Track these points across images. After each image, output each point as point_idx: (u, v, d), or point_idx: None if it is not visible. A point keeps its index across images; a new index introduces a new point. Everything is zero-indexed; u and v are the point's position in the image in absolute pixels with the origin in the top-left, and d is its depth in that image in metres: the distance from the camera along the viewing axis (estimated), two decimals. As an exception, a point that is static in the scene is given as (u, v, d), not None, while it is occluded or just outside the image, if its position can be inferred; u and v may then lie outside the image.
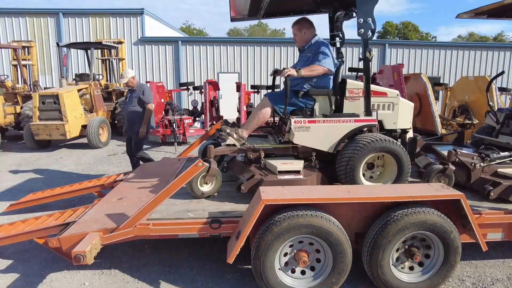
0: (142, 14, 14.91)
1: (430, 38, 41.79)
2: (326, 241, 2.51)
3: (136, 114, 5.16)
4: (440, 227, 2.56)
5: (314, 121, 3.20)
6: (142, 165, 4.78)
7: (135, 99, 5.15)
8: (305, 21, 3.62)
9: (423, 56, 16.43)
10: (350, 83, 3.47)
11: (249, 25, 46.96)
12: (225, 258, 3.25)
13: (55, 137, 8.13)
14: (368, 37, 3.21)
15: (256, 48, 15.48)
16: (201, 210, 2.94)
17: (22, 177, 6.14)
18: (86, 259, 2.41)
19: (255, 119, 3.50)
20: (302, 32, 3.61)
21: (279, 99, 3.43)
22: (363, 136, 3.23)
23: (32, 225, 3.36)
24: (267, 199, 2.39)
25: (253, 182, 3.06)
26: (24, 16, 15.08)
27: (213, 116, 10.49)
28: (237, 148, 3.39)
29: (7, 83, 10.16)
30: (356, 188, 2.71)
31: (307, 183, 3.09)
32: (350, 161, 3.11)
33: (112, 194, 3.62)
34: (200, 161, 2.76)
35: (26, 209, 4.59)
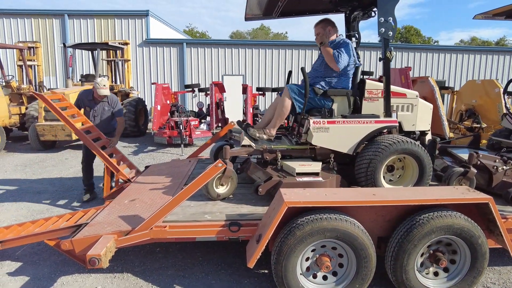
0: (147, 16, 14.89)
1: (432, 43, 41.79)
2: (350, 246, 2.42)
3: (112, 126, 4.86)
4: (468, 231, 2.47)
5: (333, 121, 3.12)
6: (151, 167, 4.69)
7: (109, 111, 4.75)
8: (329, 21, 3.58)
9: (428, 59, 16.36)
10: (369, 84, 3.40)
11: (251, 28, 47.04)
12: (240, 261, 3.18)
13: (60, 138, 8.05)
14: (389, 37, 3.15)
15: (260, 51, 15.43)
16: (218, 212, 2.85)
17: (28, 178, 6.06)
18: (101, 262, 2.32)
19: (280, 115, 3.43)
20: (327, 29, 3.54)
21: (298, 93, 3.36)
22: (384, 137, 3.15)
23: (42, 226, 3.28)
24: (290, 201, 2.30)
25: (271, 184, 2.98)
26: (30, 17, 15.07)
27: (218, 118, 10.43)
28: (253, 149, 3.30)
29: (12, 83, 10.11)
30: (381, 191, 2.62)
31: (326, 186, 3.00)
32: (371, 163, 3.03)
33: (123, 195, 3.54)
34: (220, 161, 2.68)
35: (35, 209, 4.51)
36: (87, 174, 4.92)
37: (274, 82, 15.53)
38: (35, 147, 8.43)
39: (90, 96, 4.72)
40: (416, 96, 3.49)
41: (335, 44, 3.46)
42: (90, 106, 4.72)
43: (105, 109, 4.72)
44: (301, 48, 15.44)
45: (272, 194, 2.98)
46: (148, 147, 9.15)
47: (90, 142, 4.18)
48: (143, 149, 8.78)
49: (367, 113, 3.35)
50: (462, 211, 2.54)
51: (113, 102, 4.74)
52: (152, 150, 8.75)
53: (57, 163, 7.22)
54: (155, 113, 9.28)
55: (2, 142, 8.41)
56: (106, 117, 4.74)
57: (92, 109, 4.72)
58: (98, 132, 4.51)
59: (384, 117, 3.30)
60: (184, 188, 2.62)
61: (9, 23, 15.06)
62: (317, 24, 3.58)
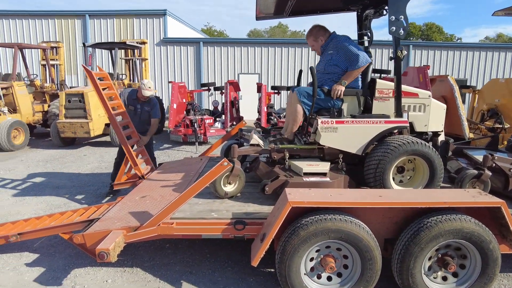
0: (165, 15, 15.12)
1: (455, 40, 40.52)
2: (355, 247, 2.40)
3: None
4: (478, 236, 2.40)
5: (342, 121, 3.10)
6: (164, 164, 4.79)
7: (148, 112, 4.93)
8: (318, 29, 3.58)
9: (449, 57, 15.89)
10: (380, 83, 3.35)
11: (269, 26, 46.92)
12: (247, 259, 3.21)
13: (79, 135, 8.32)
14: (400, 35, 3.09)
15: (277, 49, 15.40)
16: (225, 210, 2.89)
17: (48, 174, 6.30)
18: (109, 256, 2.40)
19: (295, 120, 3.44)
20: (319, 40, 3.59)
21: (307, 95, 3.35)
22: (394, 138, 3.10)
23: (58, 220, 3.41)
24: (294, 201, 2.31)
25: (278, 183, 2.99)
26: (53, 18, 15.60)
27: (233, 116, 10.49)
28: (261, 149, 3.32)
29: (36, 82, 10.51)
30: (387, 193, 2.58)
31: (333, 186, 2.98)
32: (380, 164, 2.99)
33: (135, 192, 3.63)
34: (226, 160, 2.72)
35: (53, 203, 4.69)
36: (116, 170, 5.10)
37: (290, 80, 15.48)
38: (56, 143, 8.74)
39: (134, 95, 4.93)
40: (429, 96, 3.42)
41: (331, 44, 3.46)
42: (133, 105, 4.93)
43: (145, 109, 4.91)
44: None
45: (279, 194, 2.99)
46: (164, 144, 9.32)
47: (118, 128, 4.18)
48: (159, 147, 8.94)
49: (377, 113, 3.31)
50: (472, 215, 2.48)
51: (152, 103, 4.94)
52: (167, 148, 8.91)
53: (76, 159, 7.46)
54: (171, 112, 9.42)
55: (26, 139, 8.77)
56: (145, 118, 4.91)
57: (135, 108, 4.93)
58: (133, 130, 4.61)
59: (394, 117, 3.26)
60: (192, 185, 2.67)
61: (34, 24, 15.64)
62: (308, 37, 3.65)
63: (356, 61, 3.26)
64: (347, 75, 3.31)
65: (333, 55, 3.43)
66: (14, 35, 15.59)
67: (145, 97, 4.83)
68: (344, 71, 3.37)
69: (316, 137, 3.17)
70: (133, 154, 4.33)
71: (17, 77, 9.70)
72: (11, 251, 3.41)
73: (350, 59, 3.29)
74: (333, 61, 3.41)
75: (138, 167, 4.32)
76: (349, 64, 3.31)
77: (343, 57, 3.34)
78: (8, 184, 5.66)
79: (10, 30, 15.60)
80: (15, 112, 9.10)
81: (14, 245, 3.48)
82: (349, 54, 3.29)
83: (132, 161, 4.30)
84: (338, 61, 3.38)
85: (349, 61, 3.31)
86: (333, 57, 3.42)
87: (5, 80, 9.68)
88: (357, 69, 3.27)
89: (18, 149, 8.45)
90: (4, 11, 15.78)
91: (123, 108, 4.56)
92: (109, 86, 4.57)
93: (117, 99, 4.54)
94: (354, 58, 3.27)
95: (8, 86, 9.03)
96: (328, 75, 3.44)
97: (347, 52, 3.30)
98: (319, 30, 3.57)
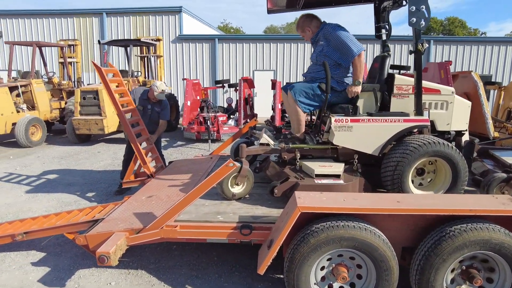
0: (180, 12, 15.11)
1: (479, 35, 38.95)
2: (370, 257, 2.22)
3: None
4: (508, 247, 2.17)
5: (357, 120, 2.90)
6: (174, 162, 4.70)
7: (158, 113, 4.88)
8: (304, 19, 3.37)
9: (472, 53, 15.21)
10: (399, 79, 3.13)
11: (286, 23, 46.47)
12: (255, 264, 3.06)
13: (94, 132, 8.38)
14: (421, 27, 2.86)
15: (292, 45, 15.14)
16: (231, 213, 2.75)
17: (62, 170, 6.34)
18: (110, 260, 2.31)
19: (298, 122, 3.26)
20: (307, 31, 3.37)
21: (304, 94, 3.14)
22: (414, 138, 2.88)
23: (64, 219, 3.37)
24: (303, 206, 2.14)
25: (288, 185, 2.82)
26: (72, 16, 15.85)
27: (247, 114, 10.36)
28: (270, 148, 3.16)
29: (54, 79, 10.68)
30: (406, 198, 2.38)
31: (347, 189, 2.79)
32: (399, 166, 2.78)
33: (142, 191, 3.55)
34: (231, 161, 2.57)
35: (64, 201, 4.68)
36: (125, 169, 5.04)
37: (306, 77, 15.18)
38: (72, 140, 8.84)
39: (145, 95, 4.86)
40: (452, 93, 3.17)
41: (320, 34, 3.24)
42: (143, 105, 4.87)
43: (156, 110, 4.85)
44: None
45: (289, 196, 2.83)
46: (178, 142, 9.29)
47: (128, 125, 4.10)
48: (172, 144, 8.92)
49: (395, 111, 3.09)
50: (502, 224, 2.25)
51: (163, 105, 4.88)
52: (181, 145, 8.87)
53: (90, 156, 7.50)
54: (185, 109, 9.38)
55: (44, 135, 8.91)
56: (154, 118, 4.85)
57: (145, 108, 4.87)
58: (144, 128, 4.53)
59: (414, 116, 3.03)
60: (196, 187, 2.54)
61: (54, 22, 15.94)
62: (297, 29, 3.46)
63: (349, 52, 3.03)
64: (353, 72, 3.09)
65: (324, 46, 3.22)
66: (35, 34, 15.94)
67: (156, 99, 4.77)
68: (336, 63, 3.17)
69: (329, 137, 2.99)
70: (142, 152, 4.25)
71: (36, 74, 9.87)
72: (19, 250, 3.39)
73: (341, 50, 3.08)
74: (324, 52, 3.21)
75: (147, 165, 4.24)
76: (341, 57, 3.09)
77: (333, 48, 3.14)
78: (23, 180, 5.72)
79: (31, 29, 15.96)
80: (33, 109, 9.26)
81: (22, 243, 3.46)
82: (339, 45, 3.07)
83: (141, 159, 4.22)
84: (329, 52, 3.17)
85: (341, 53, 3.10)
86: (324, 48, 3.22)
87: (24, 77, 9.87)
88: (355, 61, 3.03)
89: (36, 145, 8.59)
90: (24, 11, 16.17)
91: (133, 105, 4.49)
92: (120, 82, 4.50)
93: (127, 95, 4.48)
94: (345, 49, 3.04)
95: (26, 84, 9.19)
96: (320, 66, 3.21)
97: (337, 43, 3.09)
98: (305, 20, 3.35)
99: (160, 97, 4.74)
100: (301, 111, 3.14)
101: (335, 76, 3.18)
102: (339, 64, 3.15)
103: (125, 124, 4.08)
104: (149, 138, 4.55)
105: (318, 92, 3.12)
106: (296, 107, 3.13)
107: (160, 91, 4.69)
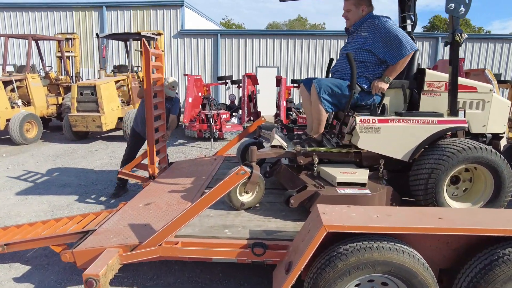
0: (182, 6, 14.70)
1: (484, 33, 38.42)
2: (407, 283, 1.86)
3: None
4: None
5: (386, 120, 2.53)
6: (174, 164, 4.33)
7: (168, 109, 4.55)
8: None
9: (482, 50, 14.81)
10: (430, 74, 2.76)
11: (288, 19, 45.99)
12: (266, 283, 2.71)
13: (91, 129, 8.02)
14: (460, 15, 2.50)
15: (297, 41, 14.73)
16: (241, 226, 2.40)
17: (56, 170, 5.98)
18: (99, 284, 1.95)
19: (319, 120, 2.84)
20: (360, 9, 2.83)
21: (330, 91, 2.72)
22: (450, 142, 2.51)
23: (52, 228, 3.01)
24: (330, 225, 1.78)
25: (305, 195, 2.46)
26: (71, 10, 15.45)
27: (250, 111, 9.98)
28: (284, 151, 2.80)
29: (51, 74, 10.30)
30: (448, 214, 2.02)
31: (374, 201, 2.43)
32: (433, 174, 2.41)
33: (140, 197, 3.19)
34: (243, 167, 2.20)
35: (56, 204, 4.33)
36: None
37: (311, 74, 14.79)
38: (69, 137, 8.49)
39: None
40: (490, 91, 2.81)
41: (367, 24, 2.78)
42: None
43: (166, 106, 4.48)
44: (340, 38, 14.54)
45: (307, 207, 2.47)
46: (179, 140, 8.93)
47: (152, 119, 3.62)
48: (173, 142, 8.55)
49: (426, 111, 2.73)
50: None
51: (174, 101, 4.59)
52: (182, 144, 8.51)
53: (86, 155, 7.14)
54: (186, 106, 9.02)
55: (39, 132, 8.56)
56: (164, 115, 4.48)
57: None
58: (164, 124, 4.11)
59: (448, 116, 2.67)
60: (200, 198, 2.18)
61: (53, 16, 15.54)
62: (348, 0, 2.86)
63: (399, 49, 2.60)
64: (390, 69, 2.69)
65: (368, 38, 2.74)
66: (34, 28, 15.54)
67: (166, 96, 4.42)
68: (379, 61, 2.74)
69: (352, 139, 2.62)
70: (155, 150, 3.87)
71: (32, 69, 9.49)
72: (2, 262, 3.04)
73: (390, 46, 2.63)
74: (367, 45, 2.74)
75: (154, 165, 3.86)
76: (388, 53, 2.66)
77: (381, 42, 2.68)
78: (14, 181, 5.37)
79: (29, 23, 15.56)
80: (29, 105, 8.91)
81: (5, 254, 3.11)
82: (389, 40, 2.63)
83: (150, 157, 3.82)
84: (374, 46, 2.71)
85: (389, 50, 2.65)
86: (367, 41, 2.74)
87: (19, 72, 9.49)
88: (401, 60, 2.64)
89: (31, 142, 8.24)
90: (22, 4, 15.75)
91: (163, 97, 4.08)
92: (160, 68, 4.05)
93: (161, 85, 4.02)
94: (397, 45, 2.60)
95: (22, 78, 8.82)
96: (357, 63, 2.76)
97: (387, 37, 2.64)
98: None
99: (170, 95, 4.43)
100: (324, 110, 2.75)
101: (374, 75, 2.76)
102: (383, 62, 2.74)
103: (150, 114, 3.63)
104: (164, 135, 4.19)
105: (348, 92, 2.71)
106: (319, 105, 2.74)
107: (172, 88, 4.40)
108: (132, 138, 4.69)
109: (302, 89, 3.03)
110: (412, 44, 2.61)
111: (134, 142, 4.66)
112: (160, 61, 4.06)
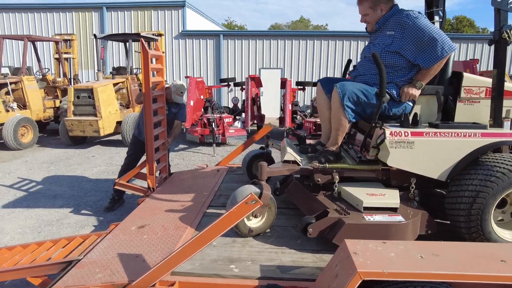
0: (184, 7, 14.38)
1: (488, 34, 37.91)
2: None
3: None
4: None
5: (420, 133, 2.14)
6: (174, 175, 3.96)
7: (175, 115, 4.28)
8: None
9: (491, 51, 14.37)
10: (469, 79, 2.38)
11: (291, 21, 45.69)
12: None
13: (88, 134, 7.66)
14: (509, 8, 2.11)
15: (301, 42, 14.35)
16: (249, 260, 2.01)
17: (49, 178, 5.63)
18: None
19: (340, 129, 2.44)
20: (378, 9, 2.43)
21: (356, 98, 2.31)
22: (498, 159, 2.12)
23: (33, 253, 2.64)
24: (367, 272, 1.40)
25: (326, 223, 2.07)
26: (71, 11, 15.16)
27: (254, 114, 9.62)
28: (299, 168, 2.42)
29: (48, 76, 9.97)
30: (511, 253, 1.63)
31: (407, 230, 2.04)
32: (479, 197, 2.02)
33: (133, 217, 2.81)
34: (253, 196, 1.81)
35: (44, 219, 3.96)
36: None
37: (315, 75, 14.41)
38: (65, 142, 8.14)
39: None
40: (537, 97, 2.42)
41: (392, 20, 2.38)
42: None
43: (172, 111, 4.22)
44: (345, 39, 14.16)
45: (328, 237, 2.09)
46: (180, 145, 8.56)
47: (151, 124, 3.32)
48: (173, 148, 8.19)
49: (465, 122, 2.35)
50: None
51: (181, 106, 4.29)
52: (183, 149, 8.15)
53: (83, 161, 6.79)
54: (188, 109, 8.65)
55: (35, 137, 8.23)
56: (170, 120, 4.15)
57: None
58: (164, 130, 3.77)
59: (491, 128, 2.28)
60: (203, 231, 1.80)
61: (52, 17, 15.27)
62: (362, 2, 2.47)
63: (435, 51, 2.19)
64: (423, 73, 2.30)
65: (395, 37, 2.33)
66: (32, 29, 15.26)
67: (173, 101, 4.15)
68: (409, 64, 2.33)
69: (379, 154, 2.24)
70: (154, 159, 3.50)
71: (27, 71, 9.16)
72: (-24, 291, 2.68)
73: (423, 47, 2.22)
74: (394, 46, 2.33)
75: (153, 177, 3.49)
76: (421, 56, 2.24)
77: (412, 42, 2.26)
78: (2, 191, 5.02)
79: (28, 24, 15.29)
80: (24, 108, 8.57)
81: (-20, 282, 2.75)
82: (422, 40, 2.21)
83: (150, 167, 3.45)
84: (403, 48, 2.29)
85: (421, 51, 2.24)
86: (395, 41, 2.33)
87: (15, 74, 9.16)
88: (437, 63, 2.24)
89: (26, 147, 7.90)
90: (21, 4, 15.49)
91: (163, 102, 3.71)
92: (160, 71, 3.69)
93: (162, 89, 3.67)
94: (432, 46, 2.19)
95: (17, 81, 8.49)
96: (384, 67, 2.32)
97: (420, 36, 2.22)
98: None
99: (177, 101, 4.15)
100: (346, 120, 2.36)
101: (403, 81, 2.36)
102: (414, 65, 2.33)
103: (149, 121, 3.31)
104: (165, 143, 3.82)
105: (375, 101, 2.32)
106: (341, 113, 2.34)
107: (180, 94, 4.11)
108: (133, 146, 4.31)
109: (319, 90, 2.64)
110: (450, 44, 2.22)
111: (135, 151, 4.28)
112: (160, 63, 3.69)
